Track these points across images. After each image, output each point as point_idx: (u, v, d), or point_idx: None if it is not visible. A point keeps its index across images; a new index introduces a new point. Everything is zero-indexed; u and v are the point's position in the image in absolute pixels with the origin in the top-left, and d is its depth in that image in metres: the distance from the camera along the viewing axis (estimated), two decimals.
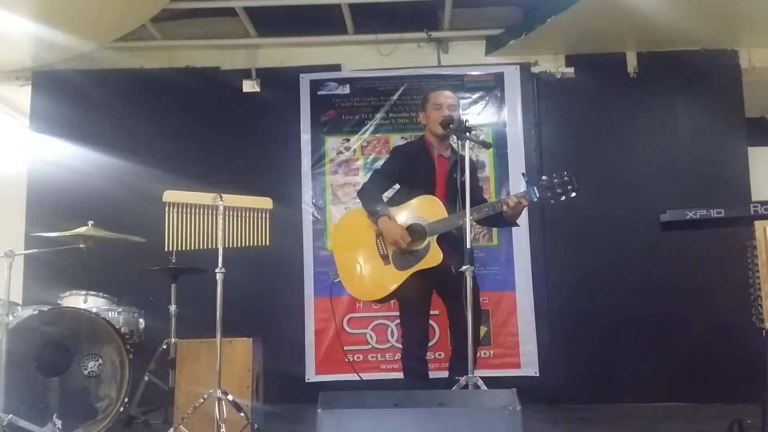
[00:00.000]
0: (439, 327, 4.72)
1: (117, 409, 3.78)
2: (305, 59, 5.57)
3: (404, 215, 3.62)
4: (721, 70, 5.38)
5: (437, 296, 3.77)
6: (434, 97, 3.82)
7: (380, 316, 5.12)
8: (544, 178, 3.53)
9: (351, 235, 3.76)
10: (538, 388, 4.92)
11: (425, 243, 3.53)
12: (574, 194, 3.46)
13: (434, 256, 3.50)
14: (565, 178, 3.48)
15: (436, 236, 3.52)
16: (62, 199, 5.22)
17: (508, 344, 5.15)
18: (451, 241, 3.53)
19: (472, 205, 3.33)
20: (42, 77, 5.57)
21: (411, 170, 3.75)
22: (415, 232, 3.57)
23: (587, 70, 5.43)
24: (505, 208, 3.50)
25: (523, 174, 3.76)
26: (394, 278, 3.55)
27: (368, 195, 3.76)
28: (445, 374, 3.71)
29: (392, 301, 3.84)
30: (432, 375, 3.78)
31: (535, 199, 3.51)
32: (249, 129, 5.48)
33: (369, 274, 3.63)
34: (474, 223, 3.53)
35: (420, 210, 3.60)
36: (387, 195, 3.84)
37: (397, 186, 3.83)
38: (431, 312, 3.80)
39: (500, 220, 3.64)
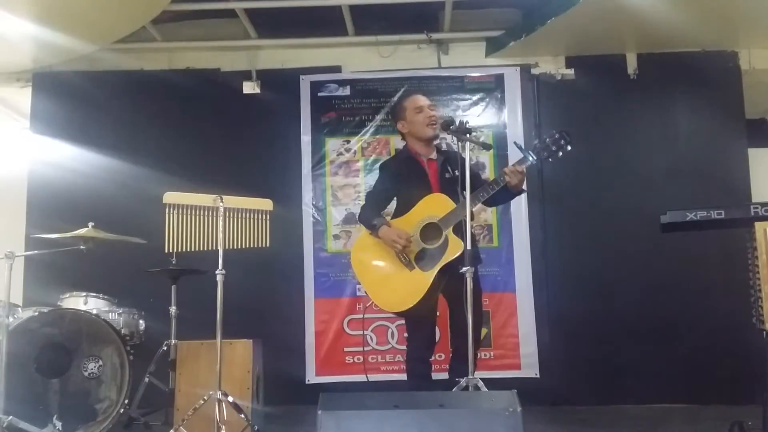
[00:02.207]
0: (439, 329, 4.71)
1: (117, 410, 3.78)
2: (305, 61, 5.58)
3: (414, 220, 3.62)
4: (721, 71, 5.38)
5: (441, 297, 3.76)
6: (411, 102, 3.82)
7: (380, 318, 5.11)
8: (536, 141, 3.60)
9: (371, 254, 3.73)
10: (539, 390, 4.91)
11: (443, 237, 3.54)
12: (569, 147, 3.50)
13: (455, 246, 3.49)
14: (556, 135, 3.52)
15: (451, 228, 3.52)
16: (62, 201, 5.22)
17: (509, 346, 5.15)
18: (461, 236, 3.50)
19: (473, 191, 3.36)
20: (42, 79, 5.58)
21: (404, 182, 3.77)
22: (431, 230, 3.58)
23: (587, 71, 5.44)
24: (506, 179, 3.50)
25: (515, 142, 3.78)
26: (424, 279, 3.53)
27: (364, 217, 3.79)
28: (446, 375, 3.70)
29: None
30: (433, 376, 3.78)
31: (533, 160, 3.54)
32: (249, 130, 5.48)
33: (399, 284, 3.60)
34: (474, 220, 3.55)
35: (428, 209, 3.60)
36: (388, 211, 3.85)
37: (395, 201, 3.83)
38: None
39: (507, 194, 3.65)
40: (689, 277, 5.04)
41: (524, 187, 3.68)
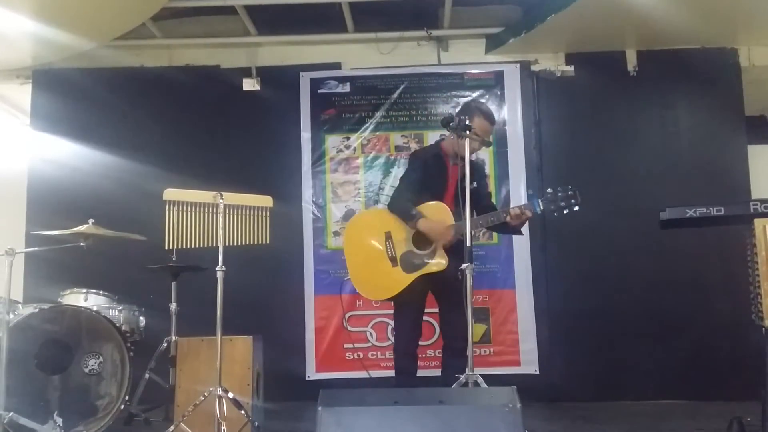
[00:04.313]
0: (437, 325, 4.73)
1: (118, 407, 3.79)
2: (305, 57, 5.57)
3: None
4: (720, 68, 5.38)
5: (431, 295, 3.83)
6: (485, 124, 3.77)
7: (380, 314, 5.12)
8: (549, 191, 3.57)
9: (361, 237, 3.83)
10: (538, 386, 4.92)
11: (431, 248, 3.61)
12: (576, 208, 3.51)
13: (439, 262, 3.58)
14: (569, 192, 3.53)
15: (442, 243, 3.59)
16: (63, 198, 5.22)
17: (508, 342, 5.15)
18: (455, 245, 3.57)
19: (480, 212, 3.44)
20: (42, 76, 5.57)
21: (427, 176, 3.81)
22: (423, 236, 3.63)
23: (587, 68, 5.43)
24: (507, 218, 3.56)
25: (529, 191, 3.83)
26: (401, 280, 3.63)
27: (399, 205, 3.77)
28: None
29: None
30: (430, 373, 3.83)
31: (539, 212, 3.57)
32: (249, 127, 5.48)
33: (378, 275, 3.70)
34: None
35: (430, 216, 3.64)
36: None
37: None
38: (431, 310, 3.87)
39: (504, 228, 3.73)
40: (689, 274, 5.04)
41: (522, 231, 3.78)
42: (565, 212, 3.52)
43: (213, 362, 3.46)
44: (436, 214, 3.63)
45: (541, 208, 3.55)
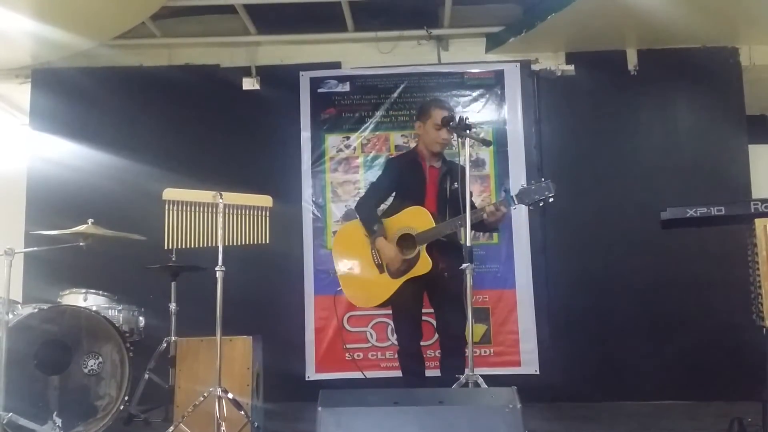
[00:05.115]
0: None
1: (117, 407, 3.79)
2: (305, 57, 5.57)
3: (395, 227, 3.73)
4: (721, 67, 5.37)
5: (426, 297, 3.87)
6: (437, 114, 3.77)
7: (380, 315, 5.10)
8: (522, 185, 3.61)
9: (349, 247, 3.89)
10: (539, 386, 4.91)
11: (416, 252, 3.64)
12: (551, 199, 3.52)
13: (424, 264, 3.62)
14: (542, 184, 3.53)
15: (425, 245, 3.63)
16: (62, 197, 5.22)
17: (509, 342, 5.15)
18: (441, 246, 3.64)
19: (460, 213, 3.42)
20: (42, 75, 5.57)
21: (404, 182, 3.85)
22: (407, 241, 3.68)
23: (587, 67, 5.43)
24: (484, 216, 3.57)
25: (504, 186, 3.87)
26: (389, 286, 3.70)
27: (365, 211, 3.86)
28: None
29: None
30: (430, 373, 3.84)
31: (514, 207, 3.59)
32: (249, 127, 5.47)
33: (366, 282, 3.78)
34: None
35: (409, 221, 3.69)
36: (382, 208, 3.94)
37: (392, 197, 3.92)
38: (429, 310, 3.89)
39: (482, 227, 3.75)
40: (689, 274, 5.04)
41: (499, 227, 3.85)
42: (540, 205, 3.55)
43: (212, 362, 3.45)
44: (416, 219, 3.67)
45: (516, 203, 3.56)
